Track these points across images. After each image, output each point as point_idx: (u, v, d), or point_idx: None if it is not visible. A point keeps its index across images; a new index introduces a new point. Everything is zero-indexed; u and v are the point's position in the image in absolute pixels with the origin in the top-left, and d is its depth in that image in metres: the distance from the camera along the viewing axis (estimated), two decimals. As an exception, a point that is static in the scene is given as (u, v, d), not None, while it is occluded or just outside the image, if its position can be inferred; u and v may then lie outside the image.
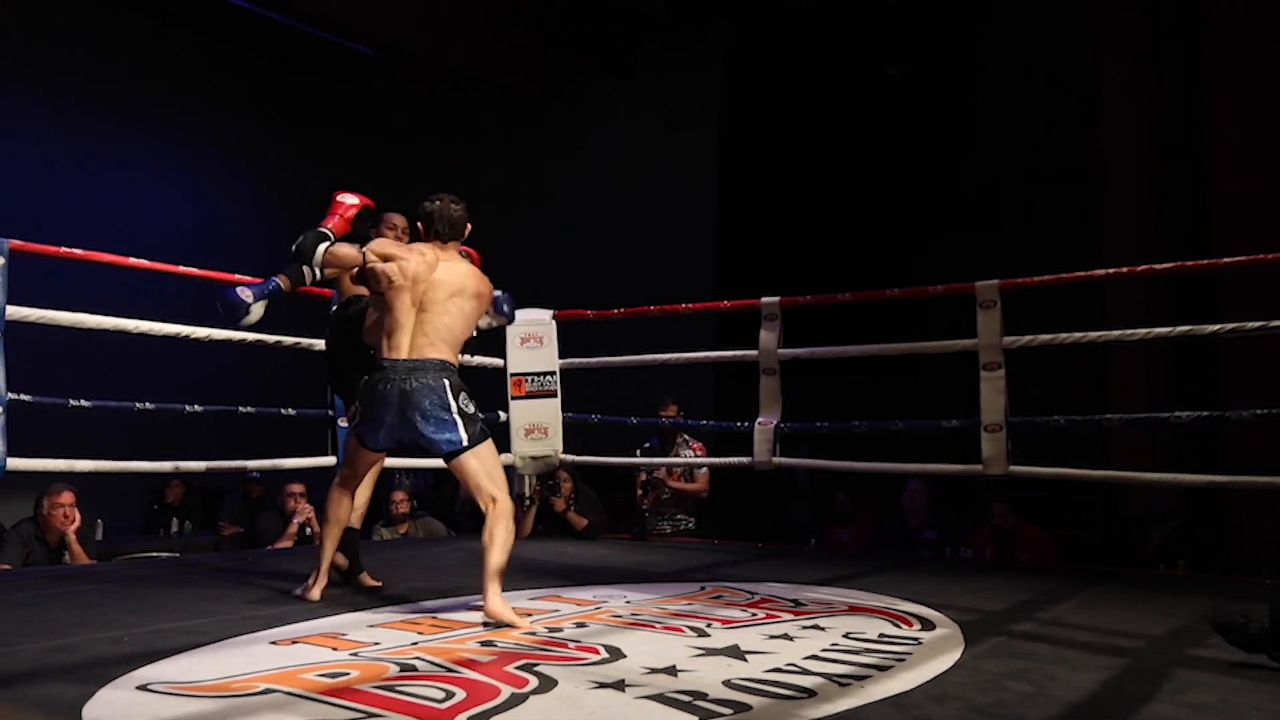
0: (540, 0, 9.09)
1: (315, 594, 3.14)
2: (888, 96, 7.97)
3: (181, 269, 4.40)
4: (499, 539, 2.82)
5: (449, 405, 2.90)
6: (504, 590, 3.24)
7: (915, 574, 3.92)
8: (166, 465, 4.50)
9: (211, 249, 7.64)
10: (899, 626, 2.71)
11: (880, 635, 2.58)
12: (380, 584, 3.46)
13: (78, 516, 4.67)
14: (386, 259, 2.96)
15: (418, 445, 3.01)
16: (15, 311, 3.60)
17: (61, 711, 1.82)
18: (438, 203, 3.07)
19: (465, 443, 2.89)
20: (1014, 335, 4.22)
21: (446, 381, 2.92)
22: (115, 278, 5.29)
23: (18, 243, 3.64)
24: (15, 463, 3.52)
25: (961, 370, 4.53)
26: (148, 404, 4.17)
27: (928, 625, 2.74)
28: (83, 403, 3.91)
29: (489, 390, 5.58)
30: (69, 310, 3.89)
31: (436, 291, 2.98)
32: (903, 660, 2.31)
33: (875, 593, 3.32)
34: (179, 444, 5.47)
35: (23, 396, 3.60)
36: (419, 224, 3.09)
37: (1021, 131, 7.41)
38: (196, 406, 4.29)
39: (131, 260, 4.17)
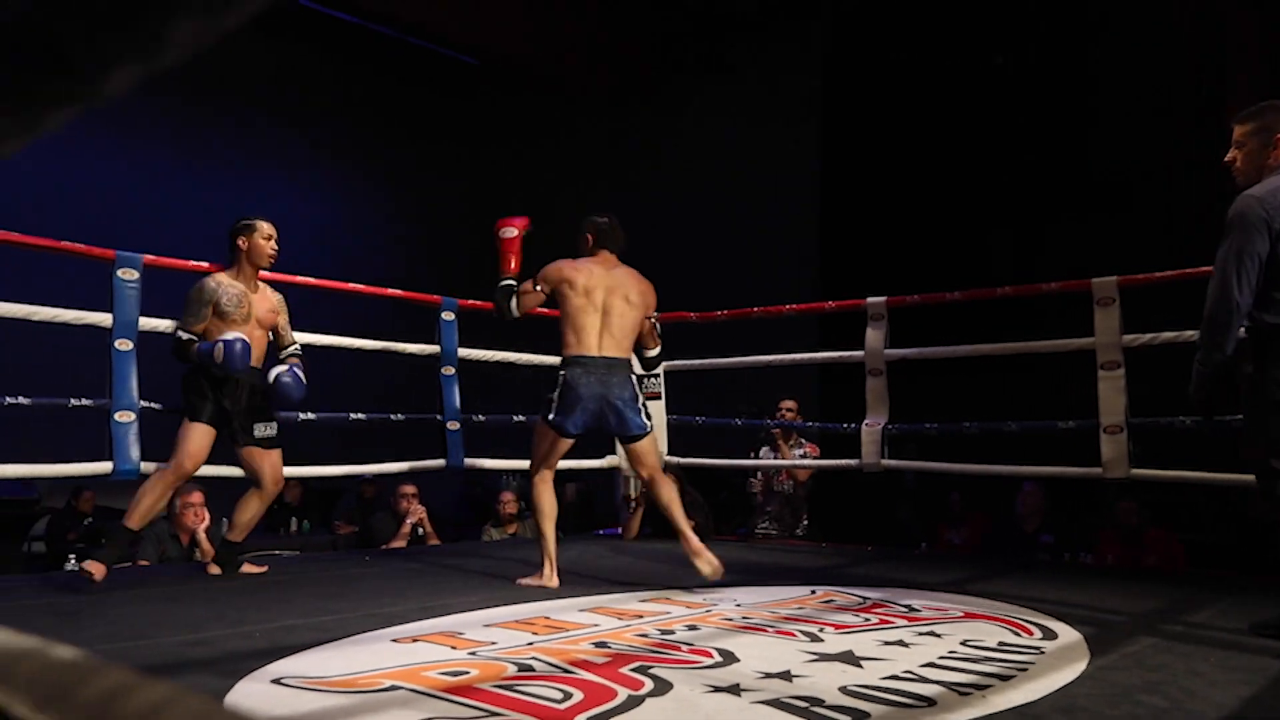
0: (639, 3, 9.15)
1: (555, 581, 3.48)
2: (995, 86, 7.76)
3: (300, 279, 4.56)
4: (676, 498, 3.57)
5: (638, 396, 3.55)
6: (614, 593, 3.28)
7: (1033, 579, 3.81)
8: (286, 470, 4.66)
9: (329, 257, 7.90)
10: (1019, 635, 2.64)
11: (1000, 643, 2.52)
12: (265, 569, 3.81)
13: (207, 515, 4.89)
14: (559, 282, 3.53)
15: (603, 429, 3.59)
16: (147, 323, 3.78)
17: (203, 704, 1.91)
18: (605, 220, 3.66)
19: (649, 428, 3.58)
20: (1134, 333, 4.06)
21: (633, 376, 3.56)
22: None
23: (151, 258, 3.82)
24: (149, 466, 3.70)
25: (1078, 369, 4.38)
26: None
27: (1049, 634, 2.66)
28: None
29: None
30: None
31: (614, 299, 3.52)
32: (1025, 670, 2.25)
33: (991, 599, 3.24)
34: (298, 447, 5.67)
35: (153, 405, 3.78)
36: (588, 236, 3.64)
37: (1139, 120, 7.13)
38: (310, 415, 4.44)
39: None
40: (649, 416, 3.58)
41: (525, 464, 5.48)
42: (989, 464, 4.62)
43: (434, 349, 4.70)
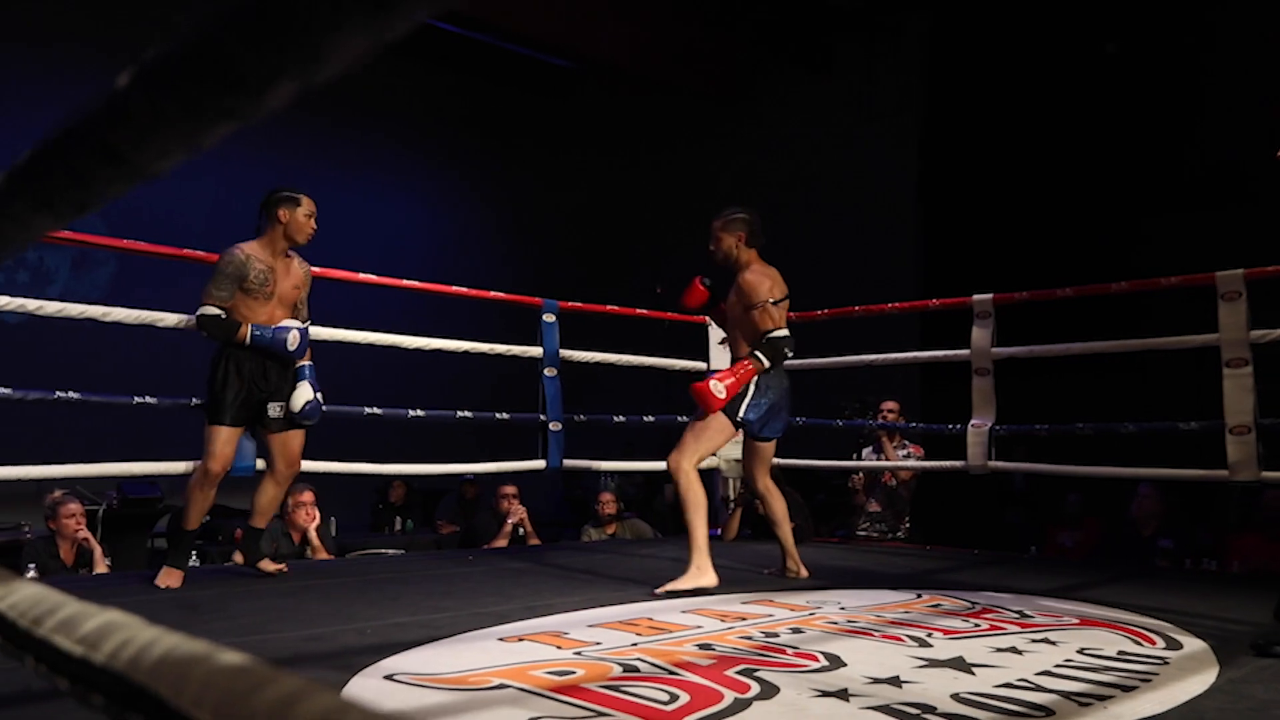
0: (733, 2, 9.11)
1: (714, 577, 3.40)
2: (1106, 75, 7.49)
3: (406, 283, 4.68)
4: (786, 513, 3.76)
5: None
6: (715, 594, 3.27)
7: (1152, 586, 3.66)
8: (390, 468, 4.79)
9: (432, 262, 8.09)
10: (1140, 644, 2.54)
11: (1120, 652, 2.42)
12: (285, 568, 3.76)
13: (317, 514, 5.05)
14: (776, 293, 3.62)
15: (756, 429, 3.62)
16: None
17: (321, 698, 1.97)
18: (751, 214, 3.68)
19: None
20: (1262, 329, 3.87)
21: None
22: (343, 292, 5.68)
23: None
24: (262, 464, 3.82)
25: (1199, 367, 4.20)
26: (376, 409, 4.45)
27: (1173, 644, 2.55)
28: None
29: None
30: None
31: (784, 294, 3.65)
32: (1148, 680, 2.16)
33: (1108, 605, 3.12)
34: (400, 447, 5.82)
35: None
36: (740, 235, 3.64)
37: (1259, 106, 6.79)
38: (419, 411, 4.54)
39: (364, 276, 4.46)
40: None
41: (624, 465, 5.54)
42: (1104, 466, 4.45)
43: (536, 351, 4.75)
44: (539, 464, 4.77)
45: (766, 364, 3.49)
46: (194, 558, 4.97)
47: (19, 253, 0.64)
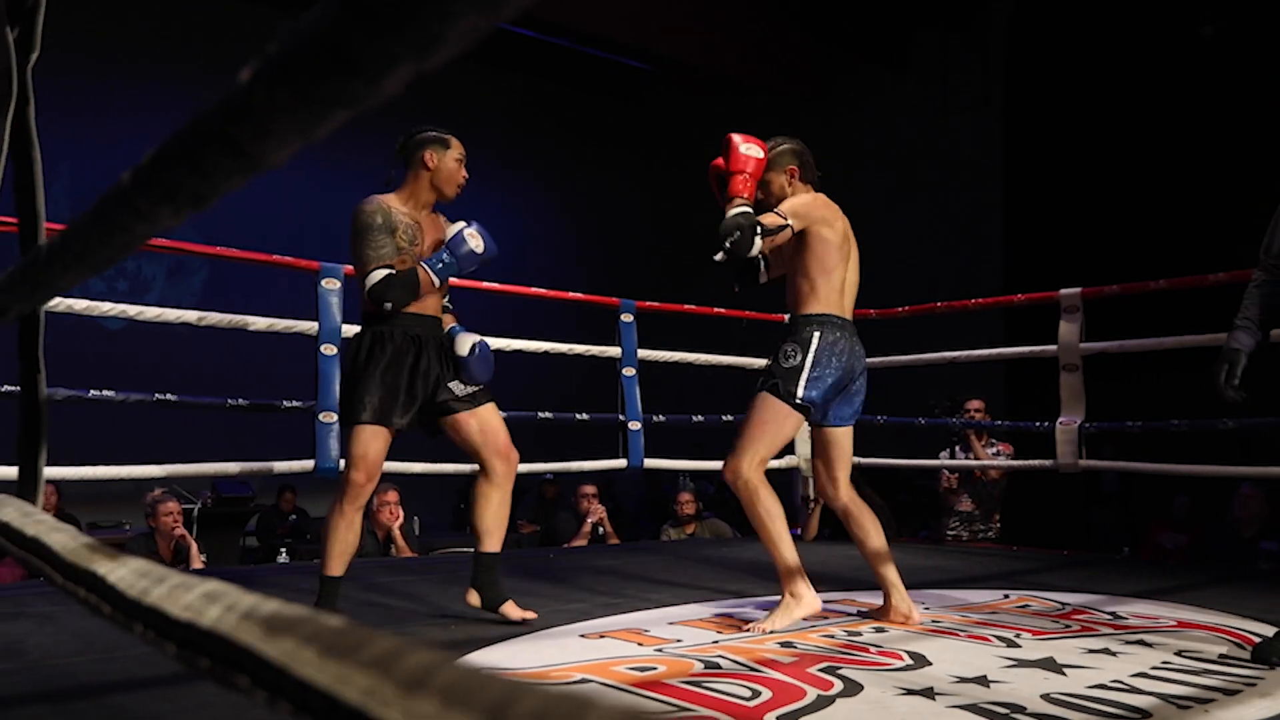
0: (810, 1, 9.04)
1: (816, 602, 2.75)
2: (1201, 59, 7.23)
3: (486, 284, 4.74)
4: (883, 540, 2.90)
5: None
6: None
7: (1254, 589, 3.51)
8: (472, 467, 4.85)
9: (512, 264, 8.18)
10: (1243, 648, 2.44)
11: (1221, 656, 2.34)
12: (533, 615, 2.73)
13: (401, 513, 5.15)
14: (817, 222, 2.74)
15: (823, 413, 2.78)
16: (349, 329, 4.00)
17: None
18: (800, 144, 2.90)
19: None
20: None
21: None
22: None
23: (351, 268, 4.05)
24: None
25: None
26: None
27: (1278, 647, 2.44)
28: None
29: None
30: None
31: (853, 248, 2.84)
32: (1253, 685, 2.07)
33: (1207, 608, 3.01)
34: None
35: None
36: (791, 169, 2.83)
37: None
38: (500, 412, 4.59)
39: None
40: None
41: (703, 465, 5.52)
42: (1203, 465, 4.29)
43: (614, 350, 4.78)
44: (620, 463, 4.79)
45: (741, 242, 2.59)
46: (283, 555, 5.12)
47: (137, 248, 0.67)
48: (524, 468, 4.88)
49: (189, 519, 5.24)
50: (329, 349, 3.79)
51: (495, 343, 4.56)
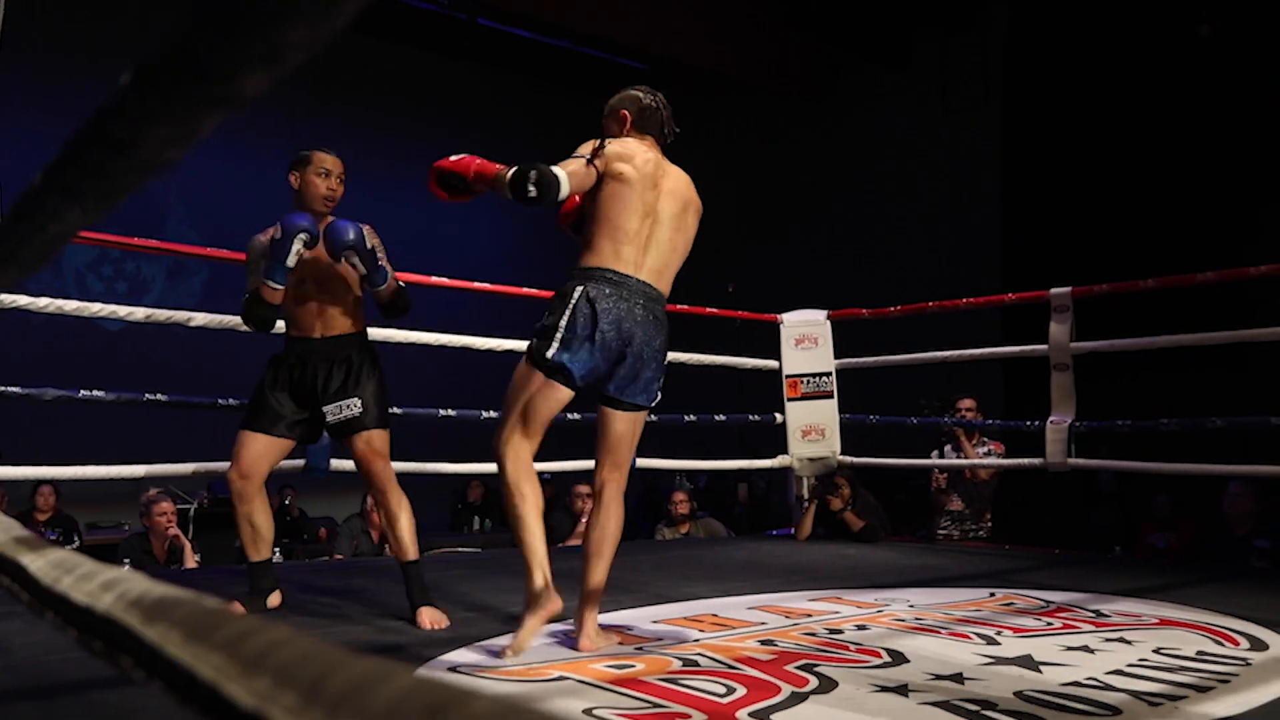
0: (809, 1, 9.05)
1: (556, 602, 2.40)
2: (1198, 58, 7.22)
3: (476, 285, 4.76)
4: (613, 537, 2.51)
5: (664, 356, 2.48)
6: (784, 592, 3.24)
7: (1243, 587, 3.52)
8: (466, 467, 4.87)
9: (514, 264, 8.21)
10: (1222, 645, 2.45)
11: (1199, 653, 2.34)
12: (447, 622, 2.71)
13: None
14: (616, 160, 2.43)
15: (595, 386, 2.42)
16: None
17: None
18: (646, 92, 2.62)
19: (656, 400, 2.51)
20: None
21: (667, 324, 2.47)
22: (416, 295, 5.82)
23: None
24: (339, 464, 3.93)
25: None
26: (450, 411, 4.54)
27: (1259, 645, 2.45)
28: (394, 410, 4.30)
29: (764, 392, 5.62)
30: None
31: (667, 203, 2.47)
32: (1226, 681, 2.08)
33: (1193, 606, 3.01)
34: (478, 448, 5.93)
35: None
36: (624, 114, 2.58)
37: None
38: (492, 413, 4.61)
39: (437, 279, 4.56)
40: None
41: (696, 464, 5.54)
42: (1192, 463, 4.30)
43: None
44: (611, 463, 4.79)
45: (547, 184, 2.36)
46: (277, 554, 5.14)
47: (58, 250, 0.69)
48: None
49: (185, 519, 5.26)
50: (319, 349, 3.80)
51: (488, 343, 4.58)
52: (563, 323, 2.34)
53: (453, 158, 2.60)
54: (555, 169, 2.37)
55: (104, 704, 1.96)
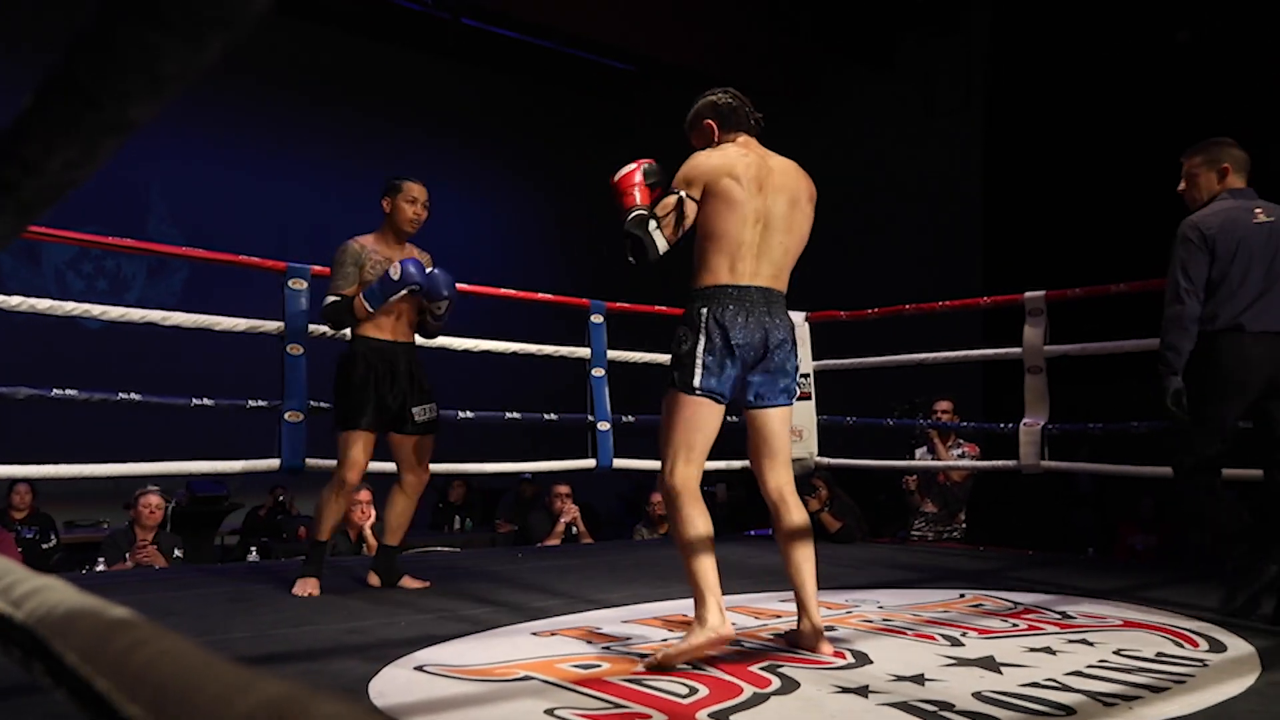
0: (794, 1, 9.08)
1: (729, 627, 2.33)
2: (1177, 66, 7.28)
3: (462, 286, 4.76)
4: (811, 551, 2.54)
5: (795, 353, 2.54)
6: (755, 593, 3.27)
7: (1211, 589, 3.56)
8: (444, 467, 4.87)
9: (498, 264, 8.22)
10: (1181, 646, 2.48)
11: (1158, 654, 2.38)
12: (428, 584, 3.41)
13: (373, 512, 5.17)
14: (717, 176, 2.44)
15: (736, 393, 2.46)
16: (316, 328, 4.03)
17: (351, 685, 2.04)
18: (725, 94, 2.67)
19: (797, 393, 2.57)
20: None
21: (792, 319, 2.52)
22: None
23: (319, 268, 4.07)
24: (314, 462, 3.93)
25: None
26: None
27: (1217, 646, 2.49)
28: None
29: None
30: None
31: (776, 203, 2.47)
32: (1181, 682, 2.11)
33: (1160, 608, 3.05)
34: (459, 447, 5.93)
35: (321, 404, 4.01)
36: (708, 123, 2.63)
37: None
38: (469, 413, 4.62)
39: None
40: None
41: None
42: (1164, 466, 4.33)
43: (584, 351, 4.81)
44: (589, 463, 4.82)
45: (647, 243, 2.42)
46: (254, 553, 5.14)
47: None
48: (496, 467, 4.95)
49: (163, 518, 5.24)
50: (295, 349, 3.82)
51: (465, 343, 4.59)
52: (700, 349, 2.39)
53: (630, 168, 2.59)
54: (653, 230, 2.43)
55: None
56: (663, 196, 2.49)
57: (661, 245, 2.43)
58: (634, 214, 2.44)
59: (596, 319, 4.81)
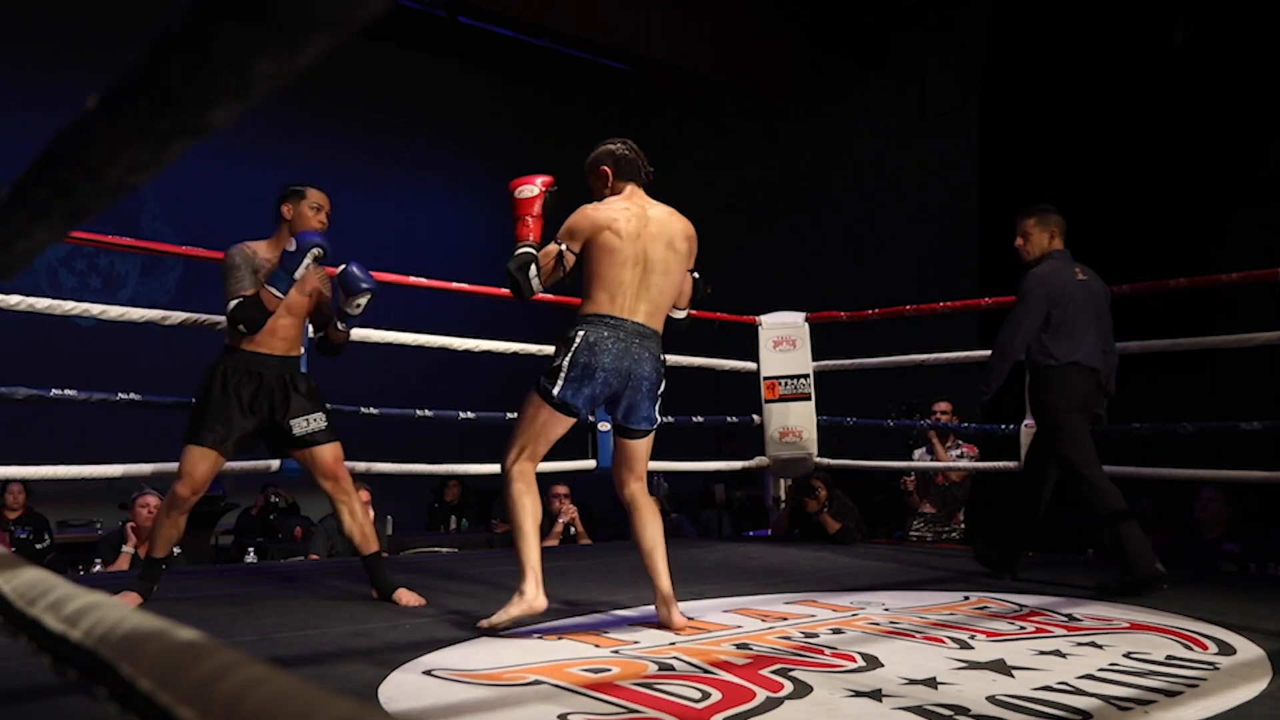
0: (788, 2, 9.08)
1: (541, 600, 2.71)
2: (1172, 66, 7.29)
3: (454, 285, 4.74)
4: (661, 540, 2.85)
5: (661, 382, 2.82)
6: (759, 595, 3.26)
7: (1212, 591, 3.57)
8: (443, 468, 4.86)
9: (492, 264, 8.18)
10: (1191, 649, 2.48)
11: (1168, 657, 2.37)
12: (423, 601, 3.08)
13: (372, 513, 5.13)
14: (597, 231, 2.73)
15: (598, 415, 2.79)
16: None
17: (360, 690, 2.02)
18: (621, 145, 2.89)
19: (657, 423, 2.86)
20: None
21: (662, 357, 2.81)
22: (396, 295, 5.80)
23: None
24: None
25: (1269, 367, 4.08)
26: (427, 411, 4.53)
27: (1226, 649, 2.49)
28: (371, 410, 4.29)
29: (742, 394, 5.64)
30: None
31: (654, 249, 2.75)
32: (1195, 686, 2.11)
33: (1163, 610, 3.05)
34: (455, 447, 5.91)
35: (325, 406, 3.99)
36: (604, 170, 2.88)
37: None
38: (470, 414, 4.61)
39: (415, 279, 4.54)
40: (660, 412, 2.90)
41: (674, 465, 5.54)
42: (1163, 468, 4.35)
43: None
44: (589, 464, 4.80)
45: (521, 283, 2.77)
46: (251, 554, 5.11)
47: (27, 264, 0.68)
48: (495, 468, 4.91)
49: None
50: (295, 349, 3.78)
51: (464, 343, 4.57)
52: (566, 364, 2.68)
53: (533, 192, 2.90)
54: (531, 276, 2.78)
55: (73, 710, 1.94)
56: (546, 243, 2.82)
57: (536, 288, 2.79)
58: (521, 254, 2.78)
59: (596, 319, 4.79)
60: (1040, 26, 8.01)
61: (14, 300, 3.23)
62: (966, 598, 3.28)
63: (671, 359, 5.28)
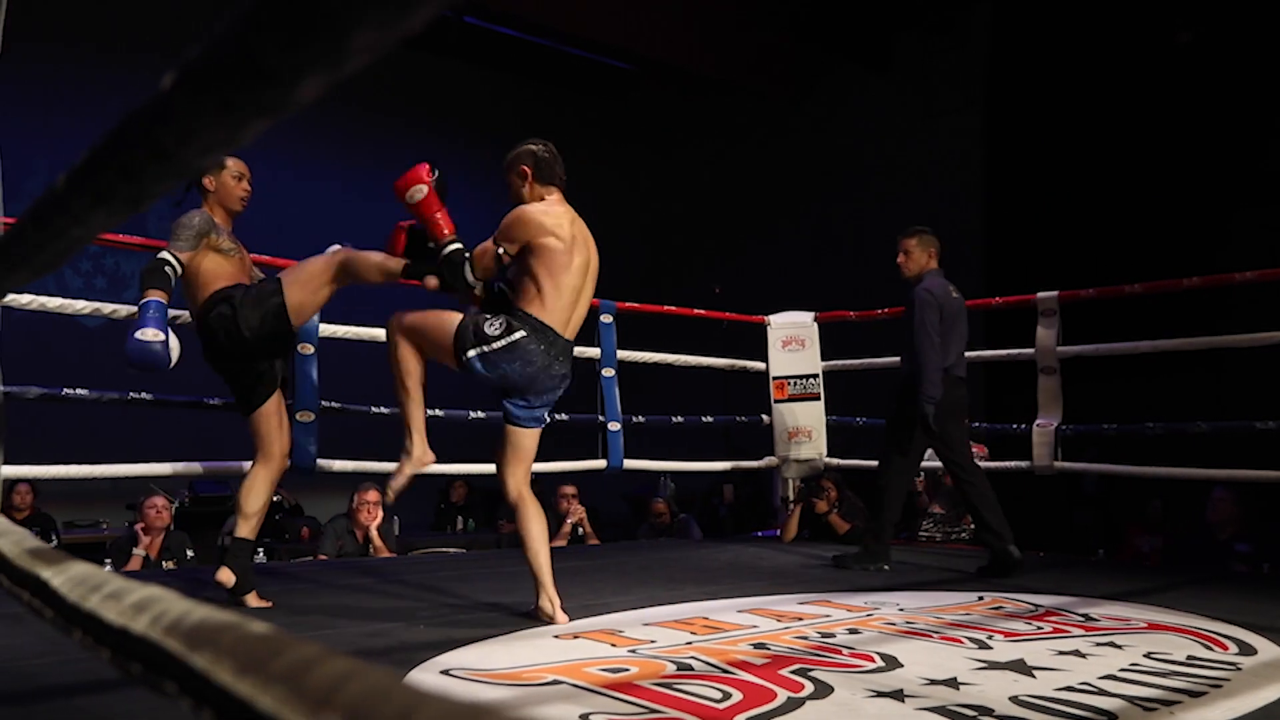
0: (791, 2, 9.06)
1: (429, 455, 2.92)
2: (1178, 66, 7.28)
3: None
4: (543, 533, 2.88)
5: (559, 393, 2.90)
6: (772, 594, 3.24)
7: (1226, 591, 3.55)
8: (451, 468, 4.83)
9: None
10: (1211, 649, 2.46)
11: (1189, 657, 2.36)
12: (270, 604, 2.96)
13: (380, 513, 5.12)
14: (543, 234, 2.73)
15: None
16: (326, 329, 3.99)
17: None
18: (542, 146, 2.88)
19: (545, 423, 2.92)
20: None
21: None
22: (404, 295, 5.78)
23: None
24: (325, 463, 3.89)
25: (1274, 366, 4.06)
26: (437, 411, 4.50)
27: (1247, 649, 2.47)
28: (381, 409, 4.27)
29: (751, 393, 5.62)
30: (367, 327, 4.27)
31: (591, 258, 2.83)
32: (1219, 686, 2.09)
33: (1179, 610, 3.03)
34: (463, 447, 5.89)
35: (332, 404, 3.99)
36: (524, 170, 2.86)
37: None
38: (480, 413, 4.59)
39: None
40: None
41: (684, 465, 5.52)
42: (1176, 467, 4.33)
43: (594, 351, 4.77)
44: (599, 464, 4.78)
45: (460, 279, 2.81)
46: (260, 554, 5.09)
47: (78, 250, 0.67)
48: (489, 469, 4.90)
49: (165, 518, 5.19)
50: (305, 348, 3.78)
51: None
52: (496, 344, 2.69)
53: (424, 190, 2.91)
54: (468, 276, 2.81)
55: (88, 709, 1.93)
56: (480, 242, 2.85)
57: (479, 292, 2.84)
58: (450, 251, 2.81)
59: (606, 319, 4.78)
60: (1045, 24, 7.99)
61: (25, 299, 3.22)
62: (981, 598, 3.26)
63: (680, 359, 5.28)
